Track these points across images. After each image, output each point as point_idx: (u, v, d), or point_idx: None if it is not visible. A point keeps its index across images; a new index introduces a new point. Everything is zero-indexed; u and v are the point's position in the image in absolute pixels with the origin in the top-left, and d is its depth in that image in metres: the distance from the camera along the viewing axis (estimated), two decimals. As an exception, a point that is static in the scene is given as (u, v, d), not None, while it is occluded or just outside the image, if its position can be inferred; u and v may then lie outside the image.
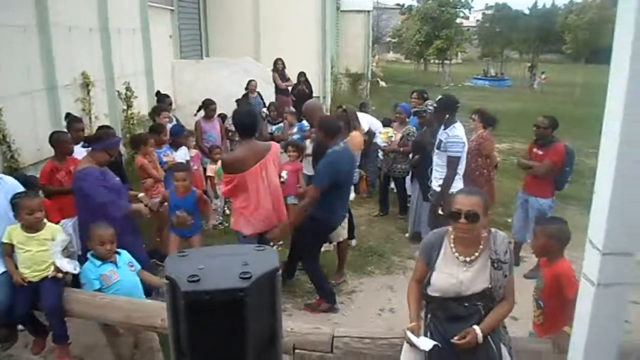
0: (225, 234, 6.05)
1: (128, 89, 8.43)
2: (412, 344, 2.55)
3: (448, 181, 5.21)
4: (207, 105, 7.29)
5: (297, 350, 2.82)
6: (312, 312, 4.73)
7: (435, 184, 5.42)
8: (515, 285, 5.05)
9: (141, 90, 9.10)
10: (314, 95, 11.19)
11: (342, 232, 5.19)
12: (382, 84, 26.53)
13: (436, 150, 5.42)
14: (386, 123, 7.53)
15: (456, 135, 5.20)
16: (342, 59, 20.51)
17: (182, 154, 6.07)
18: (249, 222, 4.37)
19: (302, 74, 10.99)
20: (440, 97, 5.88)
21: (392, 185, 7.29)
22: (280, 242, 5.80)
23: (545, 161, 5.45)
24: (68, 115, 5.61)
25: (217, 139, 7.23)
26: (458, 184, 5.25)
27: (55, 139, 4.75)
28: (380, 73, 29.40)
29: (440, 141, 5.30)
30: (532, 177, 5.65)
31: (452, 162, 5.21)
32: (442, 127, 5.35)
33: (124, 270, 3.49)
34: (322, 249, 5.62)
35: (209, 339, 1.04)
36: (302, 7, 13.08)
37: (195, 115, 7.67)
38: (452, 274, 2.63)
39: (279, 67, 10.88)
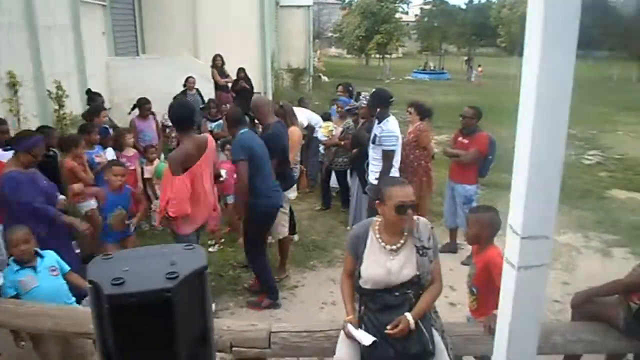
0: (167, 235, 5.93)
1: (59, 88, 8.05)
2: (352, 337, 2.59)
3: (385, 174, 5.28)
4: (142, 104, 7.12)
5: (234, 348, 2.80)
6: (254, 309, 4.72)
7: (372, 177, 5.50)
8: (453, 272, 5.28)
9: (74, 89, 8.72)
10: (255, 91, 11.10)
11: (282, 229, 5.21)
12: (325, 78, 26.66)
13: (371, 145, 5.49)
14: (326, 117, 7.58)
15: (390, 129, 5.29)
16: (283, 55, 20.45)
17: (109, 156, 5.91)
18: (192, 220, 4.30)
19: (241, 70, 10.90)
20: (373, 90, 5.97)
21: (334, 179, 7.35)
22: (222, 240, 5.75)
23: (472, 150, 5.67)
24: None
25: (154, 138, 7.07)
26: (394, 174, 5.37)
27: None
28: (322, 68, 29.52)
29: (375, 135, 5.38)
30: (457, 165, 5.89)
31: (388, 156, 5.29)
32: (377, 121, 5.43)
33: (44, 275, 3.36)
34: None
35: (137, 342, 1.02)
36: (241, 3, 12.94)
37: (129, 113, 7.46)
38: (380, 264, 2.69)
39: (218, 64, 10.75)
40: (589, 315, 3.09)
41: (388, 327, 2.50)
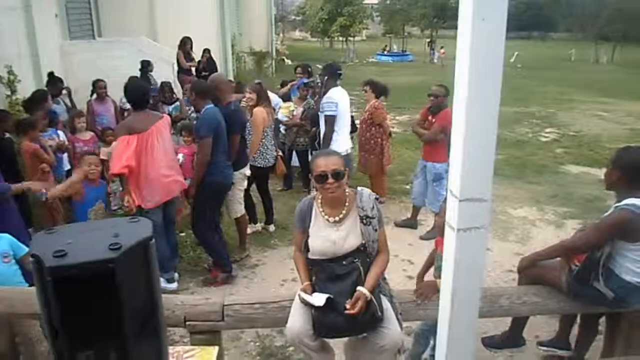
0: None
1: (10, 72, 7.76)
2: (306, 303, 2.64)
3: (327, 139, 5.65)
4: (95, 85, 7.04)
5: (188, 322, 2.81)
6: (213, 285, 4.76)
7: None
8: (412, 246, 5.41)
9: (26, 74, 8.41)
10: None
11: (239, 207, 5.22)
12: (288, 62, 26.46)
13: (320, 114, 5.90)
14: (286, 98, 7.54)
15: (330, 96, 5.68)
16: (245, 38, 20.18)
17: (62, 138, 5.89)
18: (149, 192, 4.35)
19: (206, 51, 10.82)
20: (325, 64, 6.33)
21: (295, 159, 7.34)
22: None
23: (434, 126, 5.74)
24: None
25: (112, 122, 6.92)
26: (340, 143, 5.70)
27: None
28: (285, 51, 29.28)
29: (321, 105, 5.80)
30: (427, 144, 5.94)
31: (328, 121, 5.68)
32: (323, 92, 5.84)
33: None
34: (249, 231, 5.66)
35: (82, 315, 1.02)
36: (199, -16, 12.70)
37: (91, 97, 7.29)
38: (325, 236, 2.75)
39: (187, 47, 10.57)
40: (535, 279, 3.23)
41: (347, 305, 2.55)
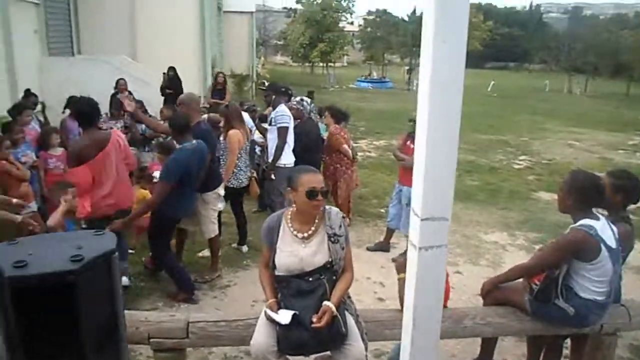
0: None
1: (-15, 87, 7.72)
2: (272, 320, 2.64)
3: (278, 150, 5.90)
4: (69, 103, 6.93)
5: (152, 339, 2.77)
6: (172, 300, 4.75)
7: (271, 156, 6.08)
8: (384, 269, 5.42)
9: (2, 89, 8.38)
10: (194, 94, 10.96)
11: (212, 227, 5.20)
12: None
13: (269, 127, 6.17)
14: (262, 119, 7.59)
15: (282, 110, 6.01)
16: (226, 60, 20.32)
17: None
18: (96, 207, 4.39)
19: (171, 68, 10.78)
20: (269, 83, 7.00)
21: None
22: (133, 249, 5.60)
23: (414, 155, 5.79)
24: None
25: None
26: (289, 155, 5.99)
27: None
28: (266, 75, 29.50)
29: (272, 119, 6.07)
30: (404, 169, 5.99)
31: (281, 132, 5.92)
32: (271, 108, 6.20)
33: None
34: (200, 255, 5.66)
35: (41, 328, 1.00)
36: (180, 5, 12.79)
37: (63, 113, 7.24)
38: (293, 252, 2.76)
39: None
40: (499, 301, 3.29)
41: (313, 319, 2.56)
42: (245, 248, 5.97)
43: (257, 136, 7.03)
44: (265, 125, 6.62)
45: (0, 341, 1.01)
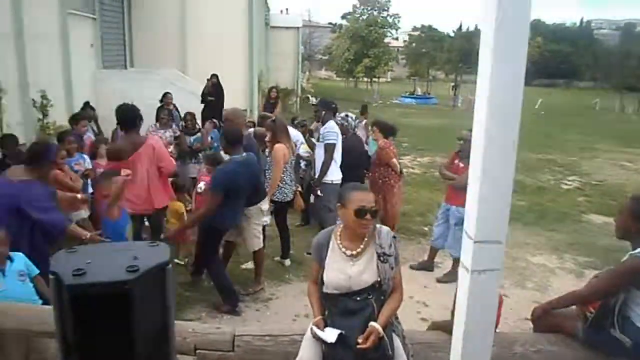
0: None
1: (44, 97, 8.06)
2: (317, 338, 2.62)
3: (325, 166, 5.93)
4: (84, 109, 7.35)
5: (198, 351, 2.80)
6: (217, 310, 4.82)
7: (318, 172, 6.10)
8: (428, 289, 5.33)
9: (59, 99, 8.73)
10: (242, 108, 11.13)
11: (256, 241, 5.22)
12: (313, 99, 26.88)
13: (317, 143, 6.14)
14: (310, 134, 7.64)
15: (331, 126, 6.02)
16: (272, 74, 20.62)
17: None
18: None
19: (213, 76, 10.75)
20: (320, 99, 6.87)
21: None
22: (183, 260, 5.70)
23: (466, 173, 5.61)
24: None
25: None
26: (336, 172, 5.98)
27: None
28: (310, 89, 29.80)
29: (320, 134, 6.12)
30: (452, 188, 5.83)
31: (328, 148, 5.94)
32: (321, 124, 6.20)
33: (11, 279, 3.30)
34: (243, 267, 5.70)
35: (96, 334, 1.03)
36: (229, 21, 13.07)
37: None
38: (341, 269, 2.73)
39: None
40: (550, 328, 3.16)
41: (359, 339, 2.52)
42: (287, 262, 5.99)
43: (302, 150, 7.06)
44: (314, 140, 6.69)
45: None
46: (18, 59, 7.73)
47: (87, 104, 8.28)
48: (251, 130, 6.71)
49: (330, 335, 2.55)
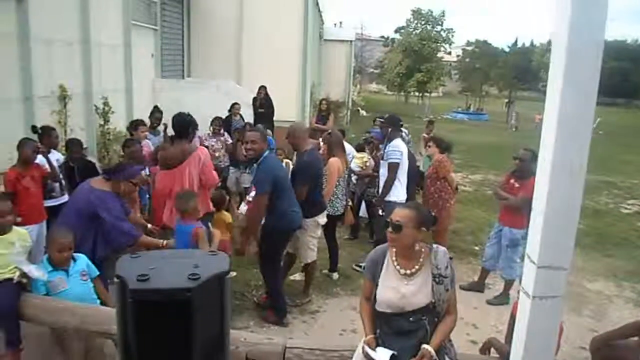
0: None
1: (106, 104, 8.40)
2: (369, 357, 2.59)
3: (387, 185, 5.80)
4: (152, 113, 7.70)
5: None
6: (265, 320, 4.85)
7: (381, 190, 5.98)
8: (478, 310, 5.19)
9: (119, 106, 9.08)
10: (293, 120, 11.24)
11: (310, 253, 5.24)
12: (363, 112, 26.88)
13: (381, 162, 6.08)
14: (359, 148, 7.62)
15: (396, 145, 5.92)
16: (324, 87, 20.76)
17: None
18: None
19: (263, 87, 10.83)
20: (388, 115, 6.69)
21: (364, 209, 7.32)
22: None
23: (521, 195, 5.36)
24: (34, 127, 5.46)
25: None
26: (400, 191, 5.83)
27: (20, 146, 4.83)
28: (361, 102, 29.79)
29: (384, 152, 6.01)
30: (507, 208, 5.67)
31: (391, 168, 5.85)
32: (387, 141, 6.03)
33: (75, 279, 3.44)
34: (291, 278, 5.70)
35: (156, 338, 1.05)
36: (285, 34, 13.25)
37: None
38: (395, 288, 2.69)
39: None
40: (609, 359, 3.00)
41: None
42: (335, 275, 5.98)
43: (354, 164, 7.07)
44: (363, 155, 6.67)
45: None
46: (84, 67, 8.11)
47: (156, 107, 8.53)
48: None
49: (383, 355, 2.52)
